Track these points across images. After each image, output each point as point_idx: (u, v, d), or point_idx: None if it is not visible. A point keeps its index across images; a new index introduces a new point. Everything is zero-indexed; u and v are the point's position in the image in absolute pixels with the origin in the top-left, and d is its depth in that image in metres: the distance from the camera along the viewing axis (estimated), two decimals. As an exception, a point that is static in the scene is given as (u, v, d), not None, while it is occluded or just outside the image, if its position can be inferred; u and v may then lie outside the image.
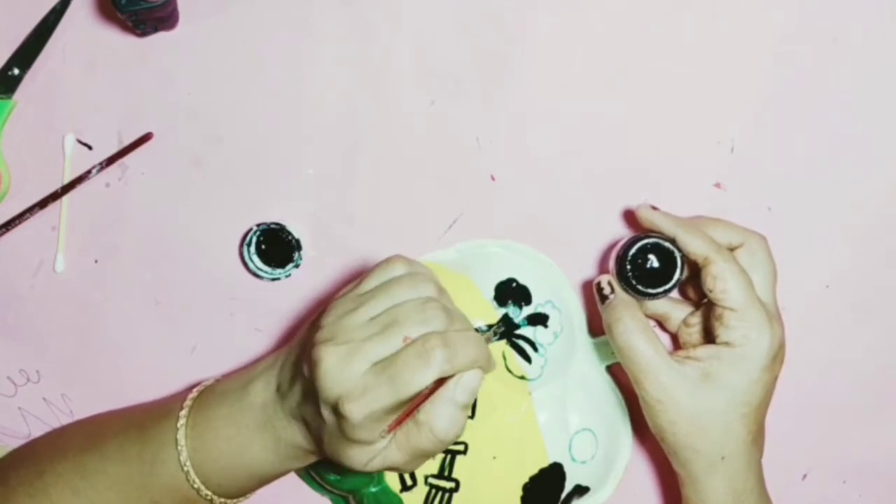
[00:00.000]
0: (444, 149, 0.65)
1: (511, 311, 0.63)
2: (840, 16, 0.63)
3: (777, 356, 0.57)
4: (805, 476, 0.68)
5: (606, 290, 0.60)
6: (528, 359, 0.63)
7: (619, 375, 0.66)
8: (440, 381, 0.49)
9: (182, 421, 0.57)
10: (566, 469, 0.63)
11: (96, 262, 0.68)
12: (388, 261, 0.53)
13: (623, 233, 0.65)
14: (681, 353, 0.59)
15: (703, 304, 0.61)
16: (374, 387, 0.48)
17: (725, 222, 0.60)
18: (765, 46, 0.63)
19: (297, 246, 0.65)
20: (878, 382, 0.66)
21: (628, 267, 0.59)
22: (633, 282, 0.59)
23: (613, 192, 0.65)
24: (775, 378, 0.58)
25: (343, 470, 0.60)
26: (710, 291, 0.57)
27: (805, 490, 0.67)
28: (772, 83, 0.63)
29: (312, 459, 0.55)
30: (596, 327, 0.66)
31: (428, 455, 0.51)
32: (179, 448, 0.56)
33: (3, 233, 0.67)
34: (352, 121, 0.65)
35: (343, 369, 0.48)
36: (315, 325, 0.52)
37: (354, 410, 0.48)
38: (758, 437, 0.58)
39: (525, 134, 0.65)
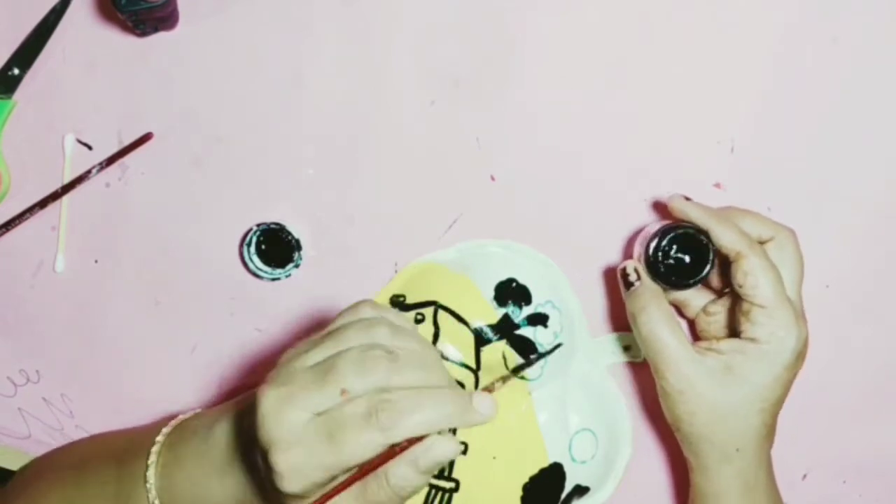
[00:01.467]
0: (444, 149, 0.65)
1: (511, 311, 0.63)
2: (840, 16, 0.63)
3: (801, 355, 0.57)
4: (805, 476, 0.68)
5: (632, 277, 0.59)
6: (528, 359, 0.63)
7: (620, 375, 0.66)
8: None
9: (153, 458, 0.55)
10: (566, 469, 0.63)
11: (96, 262, 0.68)
12: (355, 304, 0.49)
13: (623, 232, 0.65)
14: (703, 344, 0.59)
15: (726, 293, 0.61)
16: (310, 441, 0.44)
17: (756, 214, 0.59)
18: (765, 46, 0.63)
19: (297, 246, 0.65)
20: (878, 382, 0.66)
21: (659, 255, 0.58)
22: (663, 271, 0.58)
23: (613, 192, 0.65)
24: (795, 375, 0.58)
25: None
26: (740, 287, 0.56)
27: (805, 490, 0.67)
28: (772, 83, 0.63)
29: None
30: (596, 327, 0.66)
31: None
32: (148, 486, 0.54)
33: (3, 233, 0.67)
34: (352, 121, 0.65)
35: (278, 414, 0.44)
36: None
37: (280, 461, 0.44)
38: (771, 431, 0.59)
39: (525, 134, 0.65)
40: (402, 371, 0.45)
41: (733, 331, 0.59)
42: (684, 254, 0.58)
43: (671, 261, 0.59)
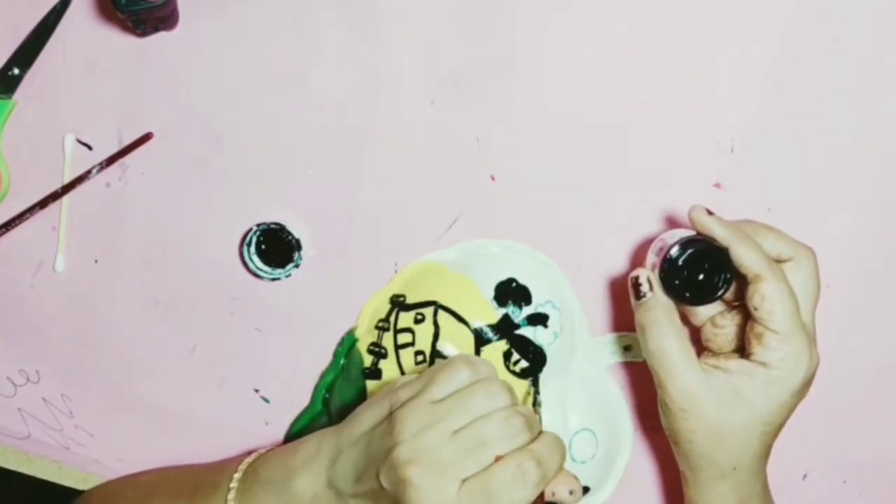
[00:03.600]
0: (444, 149, 0.65)
1: (511, 311, 0.63)
2: (840, 16, 0.63)
3: (810, 381, 0.56)
4: (805, 476, 0.68)
5: (644, 288, 0.57)
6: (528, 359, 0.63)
7: (619, 375, 0.66)
8: None
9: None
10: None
11: (96, 262, 0.68)
12: (451, 364, 0.53)
13: (623, 232, 0.65)
14: (709, 360, 0.57)
15: (737, 306, 0.59)
16: None
17: (777, 232, 0.57)
18: (765, 46, 0.63)
19: (297, 246, 0.65)
20: (878, 382, 0.66)
21: (676, 269, 0.56)
22: (678, 286, 0.56)
23: (613, 192, 0.65)
24: (801, 400, 0.56)
25: None
26: (756, 310, 0.54)
27: (805, 490, 0.67)
28: (772, 83, 0.63)
29: None
30: (596, 327, 0.66)
31: None
32: None
33: (3, 233, 0.67)
34: (352, 121, 0.65)
35: (436, 492, 0.48)
36: (385, 434, 0.51)
37: None
38: (767, 452, 0.58)
39: (525, 134, 0.65)
40: (533, 426, 0.51)
41: (740, 344, 0.58)
42: (701, 270, 0.56)
43: (686, 275, 0.56)
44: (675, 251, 0.56)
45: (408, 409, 0.51)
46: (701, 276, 0.56)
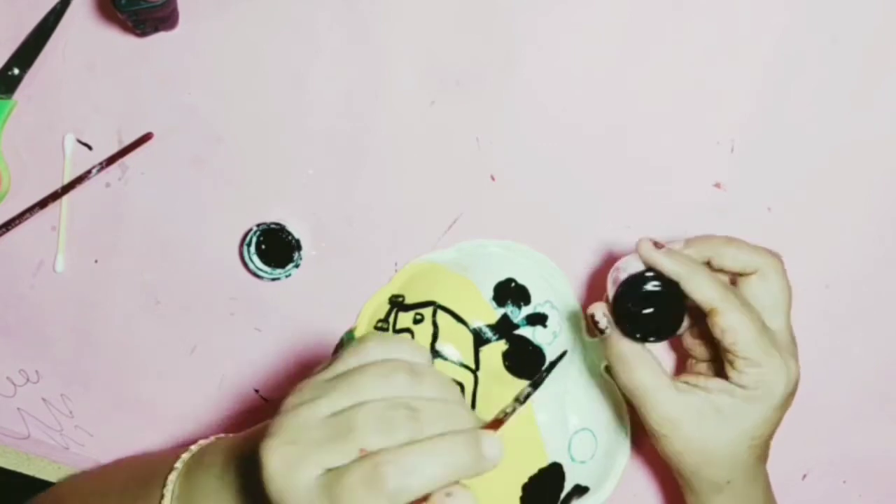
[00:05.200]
0: (444, 149, 0.65)
1: (510, 310, 0.63)
2: (840, 16, 0.63)
3: (792, 394, 0.55)
4: (805, 476, 0.68)
5: (603, 324, 0.55)
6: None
7: (619, 375, 0.66)
8: None
9: (168, 489, 0.53)
10: (566, 469, 0.63)
11: (96, 262, 0.68)
12: (362, 340, 0.45)
13: (623, 233, 0.65)
14: (690, 377, 0.56)
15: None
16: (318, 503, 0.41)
17: (738, 244, 0.55)
18: (765, 46, 0.63)
19: (297, 246, 0.65)
20: (878, 382, 0.66)
21: (627, 307, 0.54)
22: (630, 327, 0.54)
23: (613, 192, 0.65)
24: (787, 410, 0.56)
25: None
26: (719, 341, 0.53)
27: (805, 490, 0.67)
28: (772, 83, 0.63)
29: None
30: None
31: None
32: None
33: (3, 233, 0.67)
34: (352, 121, 0.65)
35: (287, 477, 0.41)
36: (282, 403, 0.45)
37: None
38: (763, 456, 0.57)
39: (525, 134, 0.65)
40: (425, 429, 0.42)
41: (720, 362, 0.56)
42: (654, 306, 0.54)
43: (636, 313, 0.54)
44: (625, 290, 0.54)
45: (304, 383, 0.44)
46: (651, 311, 0.54)
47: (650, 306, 0.54)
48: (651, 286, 0.54)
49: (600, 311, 0.55)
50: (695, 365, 0.59)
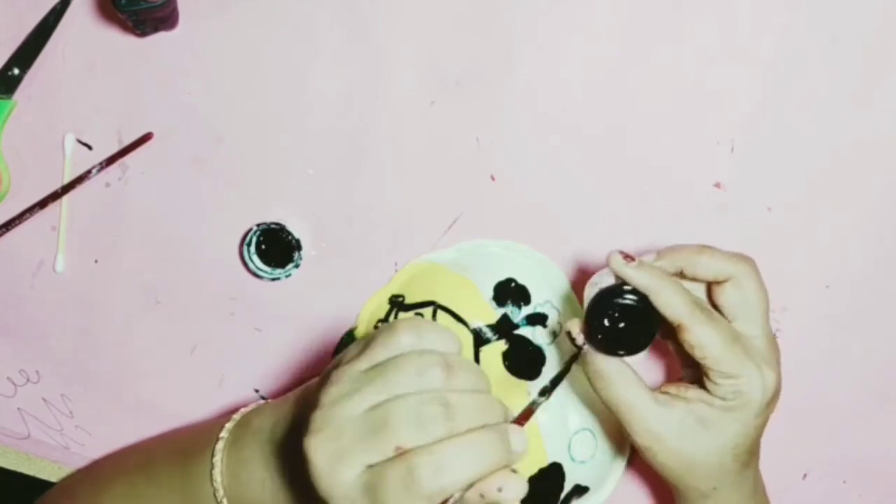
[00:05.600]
0: (444, 149, 0.65)
1: (510, 310, 0.63)
2: (840, 16, 0.63)
3: (772, 401, 0.55)
4: (805, 476, 0.68)
5: (579, 340, 0.55)
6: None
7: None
8: None
9: (217, 456, 0.54)
10: (565, 469, 0.63)
11: (96, 262, 0.68)
12: (392, 329, 0.46)
13: (622, 233, 0.65)
14: (671, 388, 0.56)
15: None
16: (363, 501, 0.43)
17: (710, 252, 0.55)
18: (765, 46, 0.63)
19: (297, 246, 0.65)
20: (878, 382, 0.66)
21: (601, 322, 0.53)
22: (601, 339, 0.54)
23: (613, 192, 0.65)
24: (769, 416, 0.56)
25: None
26: (691, 355, 0.53)
27: (805, 490, 0.67)
28: (772, 83, 0.63)
29: None
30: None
31: None
32: (215, 485, 0.53)
33: (3, 233, 0.67)
34: (352, 121, 0.65)
35: (332, 473, 0.43)
36: (316, 390, 0.47)
37: None
38: (751, 458, 0.57)
39: (525, 134, 0.65)
40: (459, 424, 0.43)
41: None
42: (626, 320, 0.53)
43: (608, 328, 0.53)
44: (595, 307, 0.54)
45: (338, 372, 0.46)
46: (623, 326, 0.53)
47: (623, 320, 0.53)
48: (624, 300, 0.53)
49: (576, 328, 0.55)
50: (683, 369, 0.59)
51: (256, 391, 0.69)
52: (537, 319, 0.63)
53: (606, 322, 0.53)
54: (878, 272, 0.65)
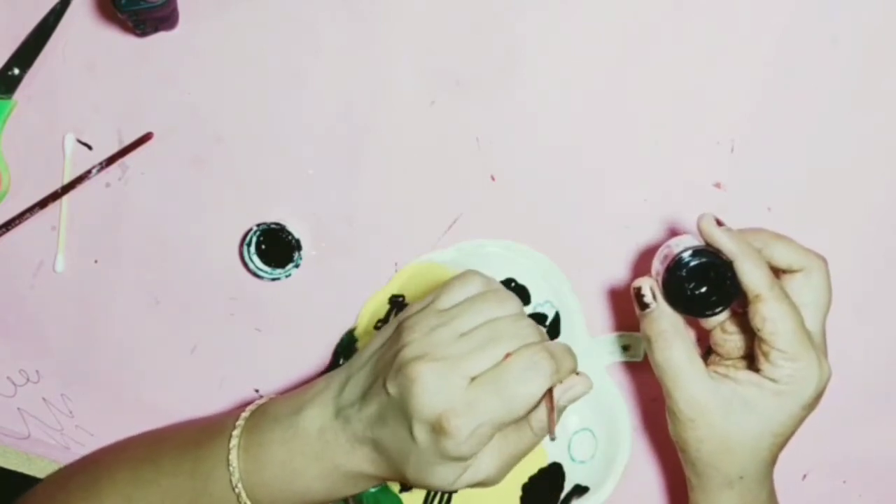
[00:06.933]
0: (444, 149, 0.65)
1: (511, 310, 0.63)
2: (840, 16, 0.63)
3: (820, 396, 0.55)
4: (805, 476, 0.68)
5: (647, 298, 0.56)
6: None
7: (619, 375, 0.66)
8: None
9: (234, 441, 0.55)
10: (566, 469, 0.63)
11: (96, 262, 0.68)
12: (463, 277, 0.53)
13: (622, 233, 0.65)
14: (719, 367, 0.57)
15: (744, 313, 0.57)
16: (481, 400, 0.47)
17: (787, 242, 0.56)
18: (765, 46, 0.63)
19: (297, 246, 0.65)
20: (878, 382, 0.66)
21: (678, 281, 0.54)
22: (681, 298, 0.55)
23: (613, 192, 0.65)
24: (810, 413, 0.56)
25: None
26: (759, 331, 0.53)
27: (805, 490, 0.67)
28: (772, 83, 0.63)
29: (372, 485, 0.54)
30: (595, 326, 0.66)
31: (520, 460, 0.51)
32: (231, 469, 0.54)
33: (3, 233, 0.67)
34: (352, 121, 0.65)
35: (444, 385, 0.48)
36: (392, 343, 0.51)
37: (461, 425, 0.47)
38: (776, 458, 0.57)
39: (525, 134, 0.65)
40: (543, 335, 0.51)
41: (749, 351, 0.57)
42: (705, 283, 0.54)
43: (689, 288, 0.55)
44: (679, 262, 0.55)
45: (416, 316, 0.51)
46: (704, 289, 0.55)
47: (700, 282, 0.55)
48: (706, 261, 0.54)
49: (647, 285, 0.56)
50: (719, 362, 0.59)
51: (256, 391, 0.69)
52: (537, 319, 0.63)
53: (685, 282, 0.55)
54: (879, 272, 0.65)
